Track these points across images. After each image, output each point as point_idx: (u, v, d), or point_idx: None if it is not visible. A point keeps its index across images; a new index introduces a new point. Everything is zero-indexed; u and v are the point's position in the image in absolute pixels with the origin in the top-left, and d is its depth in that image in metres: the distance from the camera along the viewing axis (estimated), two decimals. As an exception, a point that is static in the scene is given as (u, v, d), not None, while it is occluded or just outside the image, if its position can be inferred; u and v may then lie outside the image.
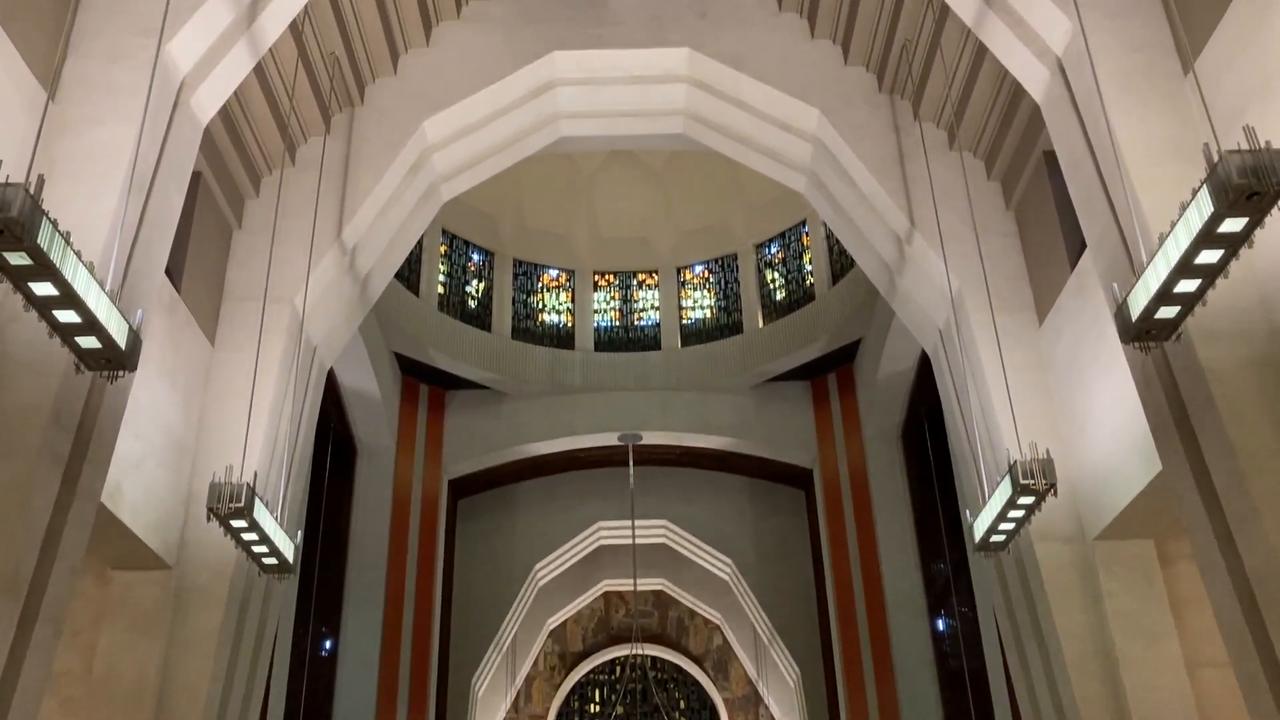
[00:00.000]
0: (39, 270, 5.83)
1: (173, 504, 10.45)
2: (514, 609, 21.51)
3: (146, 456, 9.93)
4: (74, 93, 8.56)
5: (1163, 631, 10.29)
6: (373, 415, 19.52)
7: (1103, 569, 10.49)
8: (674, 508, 22.14)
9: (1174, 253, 6.13)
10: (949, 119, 12.54)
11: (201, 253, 11.52)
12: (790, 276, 21.41)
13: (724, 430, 21.03)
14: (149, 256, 8.64)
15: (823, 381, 21.46)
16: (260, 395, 10.86)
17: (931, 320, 12.82)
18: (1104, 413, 10.26)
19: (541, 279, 22.36)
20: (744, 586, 22.05)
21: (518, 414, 21.00)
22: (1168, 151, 8.22)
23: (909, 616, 19.79)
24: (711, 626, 24.42)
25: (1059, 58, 9.22)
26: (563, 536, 22.00)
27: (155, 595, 10.25)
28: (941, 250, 11.51)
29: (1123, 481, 9.96)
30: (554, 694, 24.08)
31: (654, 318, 22.28)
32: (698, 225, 22.22)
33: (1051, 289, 11.46)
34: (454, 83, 12.95)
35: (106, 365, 6.69)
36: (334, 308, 12.65)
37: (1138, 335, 6.79)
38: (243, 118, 11.83)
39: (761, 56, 13.12)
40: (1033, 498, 8.76)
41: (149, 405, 10.00)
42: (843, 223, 13.74)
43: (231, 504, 8.38)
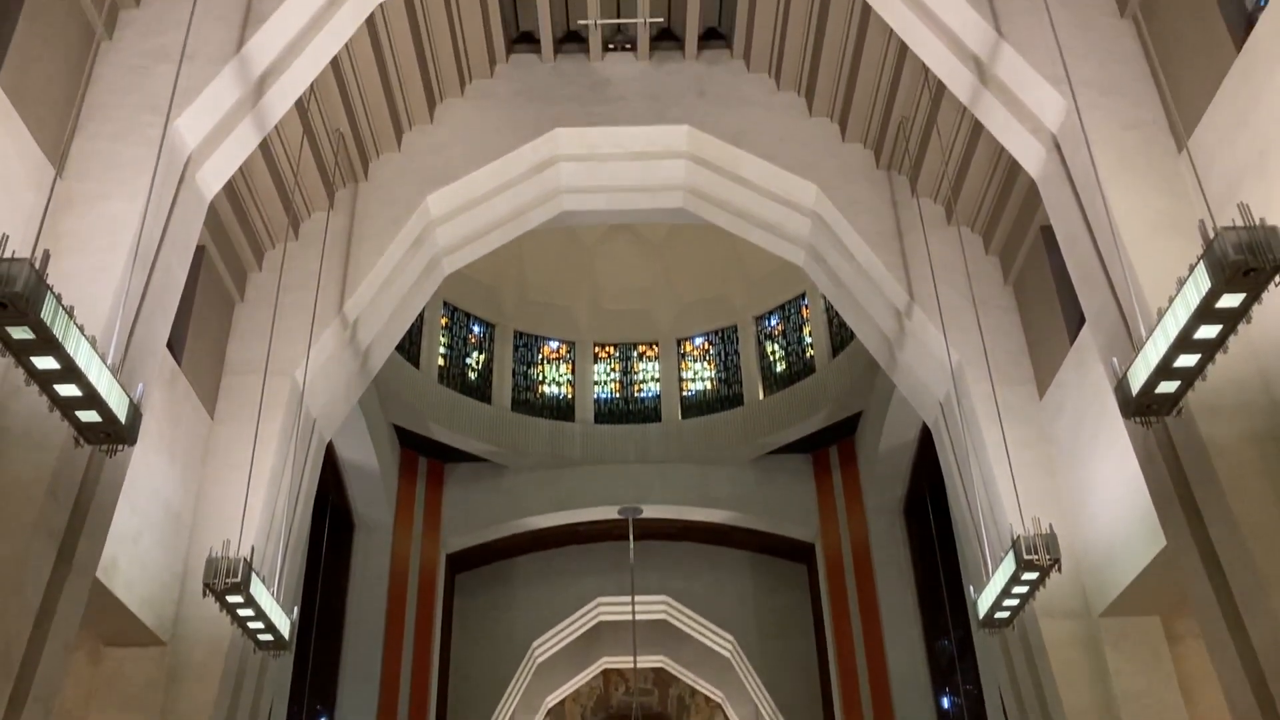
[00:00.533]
0: (41, 345, 5.84)
1: (168, 579, 10.35)
2: (512, 687, 21.17)
3: (143, 531, 9.85)
4: (82, 168, 8.66)
5: (1171, 709, 10.11)
6: (371, 488, 19.41)
7: (1109, 646, 10.34)
8: (674, 583, 21.91)
9: (1173, 328, 6.15)
10: (946, 194, 12.68)
11: (203, 326, 11.56)
12: (790, 349, 21.47)
13: (725, 503, 20.92)
14: (151, 330, 8.66)
15: (824, 454, 21.38)
16: (259, 469, 10.81)
17: (932, 393, 12.82)
18: (1107, 487, 10.21)
19: (542, 350, 22.42)
20: (746, 663, 21.72)
21: (517, 487, 20.89)
22: (1164, 227, 8.29)
23: (913, 694, 19.48)
24: (713, 705, 24.01)
25: (1054, 135, 9.35)
26: (562, 612, 21.74)
27: (148, 672, 10.09)
28: (941, 324, 11.56)
29: (1127, 557, 9.87)
30: (552, 775, 23.60)
31: (654, 389, 22.29)
32: (698, 297, 22.35)
33: (1051, 363, 11.48)
34: (457, 158, 13.14)
35: (106, 439, 6.68)
36: (334, 381, 12.66)
37: (1139, 410, 6.79)
38: (247, 192, 11.96)
39: (760, 133, 13.32)
40: (1037, 573, 8.68)
41: (147, 479, 9.95)
42: (842, 296, 13.82)
43: (228, 579, 8.30)
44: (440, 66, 13.33)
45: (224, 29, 9.38)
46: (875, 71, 12.56)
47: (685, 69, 13.82)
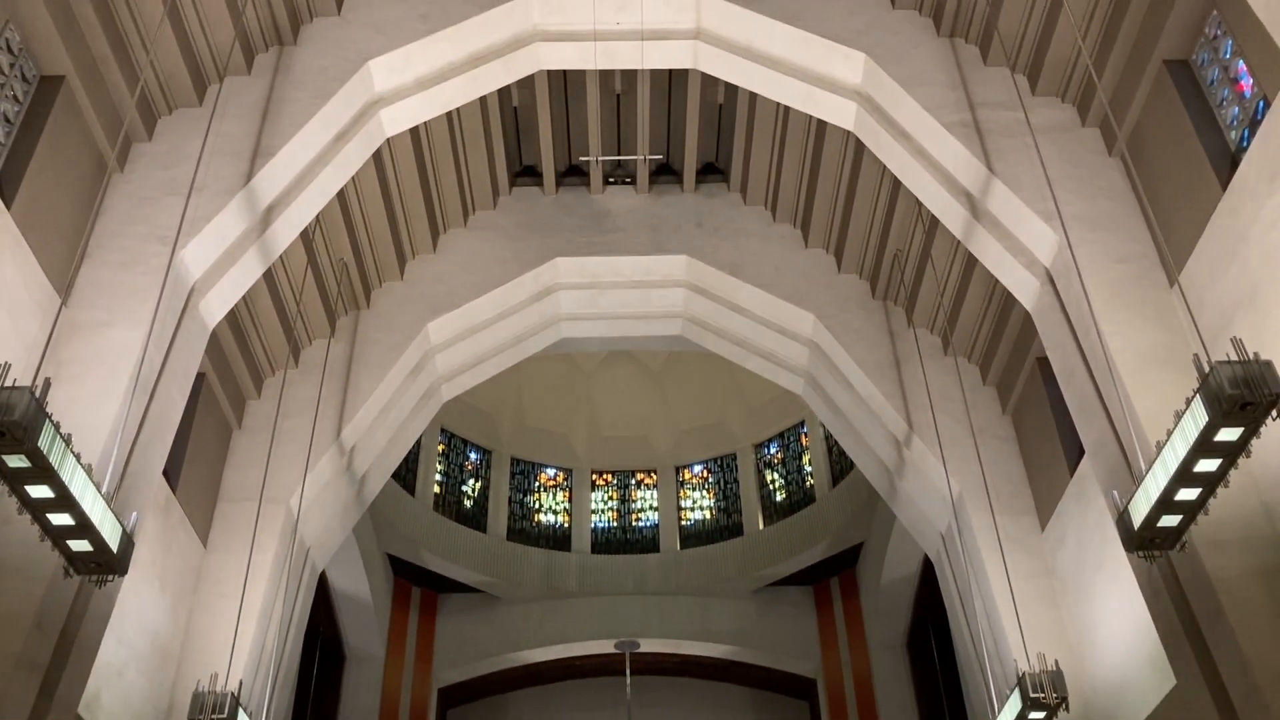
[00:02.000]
0: (37, 473, 5.81)
1: (153, 715, 10.04)
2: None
3: (129, 663, 9.61)
4: (87, 296, 8.77)
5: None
6: (363, 619, 19.04)
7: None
8: (672, 720, 21.33)
9: (1172, 461, 6.13)
10: (942, 325, 12.81)
11: (200, 453, 11.52)
12: (790, 477, 21.35)
13: (724, 638, 20.51)
14: (148, 458, 8.63)
15: (825, 586, 21.07)
16: (250, 598, 10.63)
17: (933, 524, 12.71)
18: (1113, 622, 10.01)
19: (539, 478, 22.30)
20: (747, 804, 20.97)
21: (511, 619, 20.51)
22: (1158, 359, 8.35)
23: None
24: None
25: (1047, 268, 9.51)
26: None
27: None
28: (940, 454, 11.53)
29: (1137, 695, 9.61)
30: None
31: (653, 518, 22.08)
32: (696, 425, 22.34)
33: (1052, 494, 11.41)
34: (459, 286, 13.32)
35: (96, 570, 6.58)
36: (329, 508, 12.56)
37: (1141, 544, 6.71)
38: (249, 320, 12.08)
39: (757, 264, 13.54)
40: (1044, 712, 8.47)
41: (136, 609, 9.77)
42: (841, 425, 13.83)
43: (214, 715, 8.08)
44: (444, 198, 13.63)
45: (233, 163, 9.63)
46: (869, 205, 12.84)
47: (683, 201, 14.13)
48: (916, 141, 10.25)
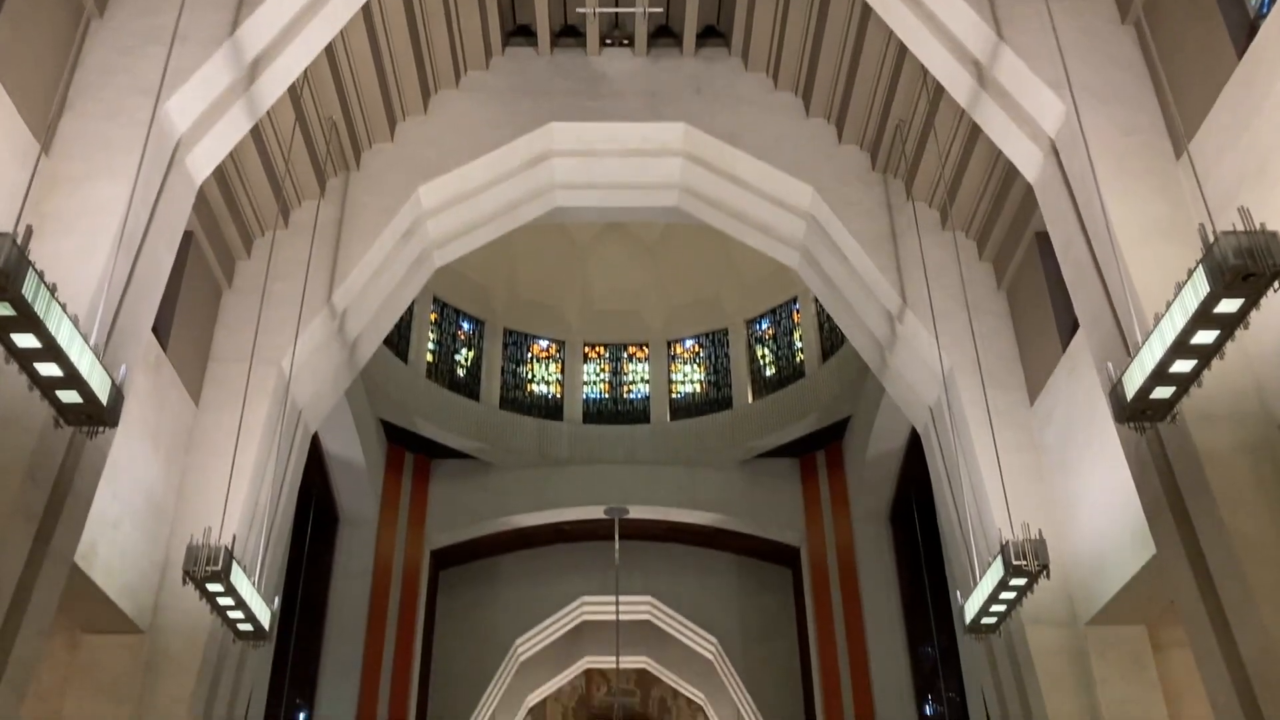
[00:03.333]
0: (22, 321, 5.74)
1: (148, 567, 10.21)
2: (494, 684, 21.04)
3: (124, 517, 9.72)
4: (68, 148, 8.54)
5: (1156, 719, 10.07)
6: (356, 483, 19.27)
7: (1095, 654, 10.30)
8: (659, 584, 21.82)
9: (1169, 333, 6.10)
10: (942, 199, 12.64)
11: (190, 312, 11.44)
12: (781, 353, 21.41)
13: (711, 506, 20.83)
14: (136, 314, 8.55)
15: (811, 459, 21.32)
16: (243, 458, 10.69)
17: (922, 398, 12.77)
18: (1096, 495, 10.16)
19: (531, 349, 22.32)
20: (728, 666, 21.64)
21: (503, 485, 20.77)
22: (1160, 233, 8.26)
23: (896, 700, 19.42)
24: (695, 707, 23.92)
25: (1052, 140, 9.31)
26: (545, 611, 21.62)
27: (125, 661, 9.95)
28: (934, 328, 11.51)
29: (1115, 566, 9.82)
30: (531, 775, 23.48)
31: (643, 391, 22.21)
32: (689, 300, 22.28)
33: (1043, 369, 11.44)
34: (450, 150, 13.03)
35: (87, 421, 6.57)
36: (321, 371, 12.55)
37: (1132, 416, 6.73)
38: (237, 179, 11.85)
39: (756, 133, 13.26)
40: (1025, 579, 8.63)
41: (129, 465, 9.83)
42: (835, 299, 13.76)
43: (209, 567, 8.19)
44: (436, 57, 13.23)
45: (217, 11, 9.28)
46: (874, 73, 12.51)
47: (682, 66, 13.75)
48: (926, 6, 9.91)
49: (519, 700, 22.86)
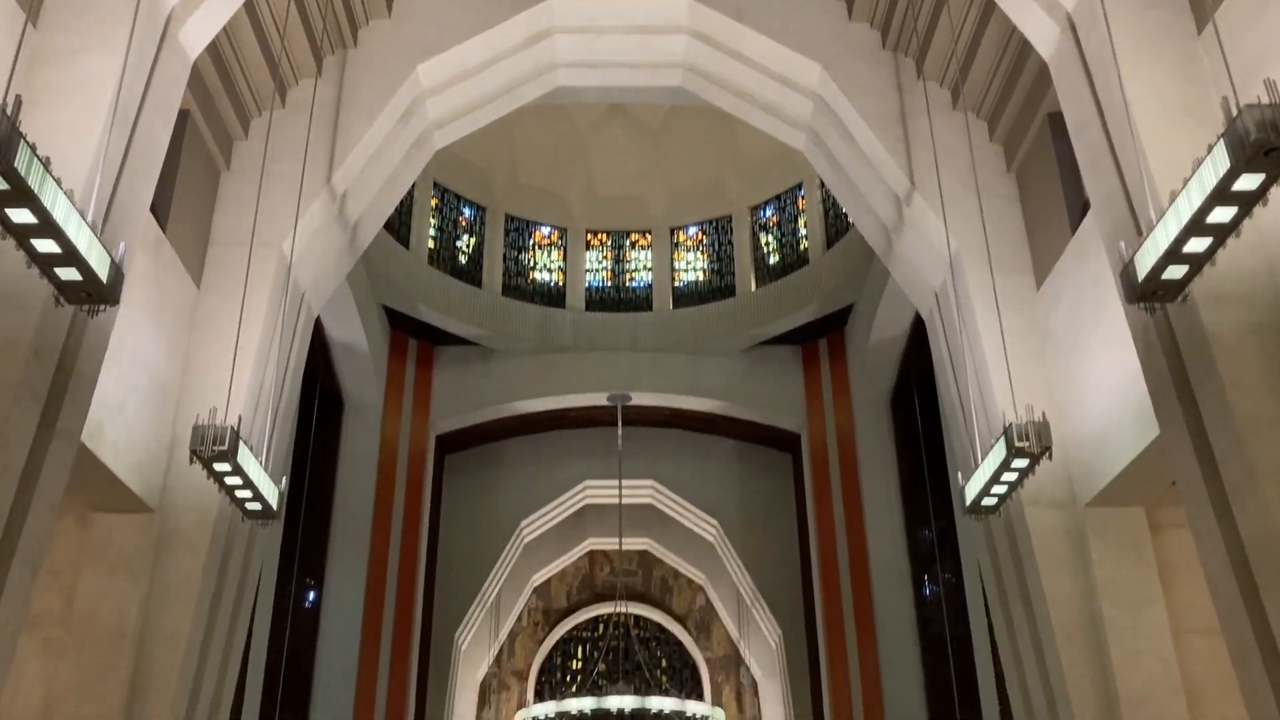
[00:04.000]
0: (15, 195, 5.62)
1: (155, 447, 10.29)
2: (499, 565, 21.47)
3: (129, 398, 9.74)
4: (56, 19, 8.29)
5: (1150, 599, 10.25)
6: (360, 368, 19.33)
7: (1093, 536, 10.43)
8: (661, 469, 22.07)
9: (1186, 210, 5.98)
10: (953, 78, 12.33)
11: (188, 194, 11.27)
12: (785, 240, 21.23)
13: (713, 393, 20.93)
14: (133, 191, 8.41)
15: (813, 346, 21.34)
16: (246, 340, 10.66)
17: (928, 283, 12.68)
18: (1100, 378, 10.16)
19: (533, 236, 22.14)
20: (729, 548, 22.04)
21: (506, 371, 20.84)
22: (1179, 110, 8.06)
23: (893, 582, 19.81)
24: (695, 587, 24.45)
25: (1069, 14, 9.03)
26: (549, 494, 21.92)
27: (136, 539, 10.10)
28: (942, 211, 11.35)
29: (1116, 448, 9.88)
30: (537, 650, 24.12)
31: (646, 279, 22.11)
32: (693, 186, 21.99)
33: (1051, 253, 11.32)
34: (449, 27, 12.67)
35: (87, 299, 6.50)
36: (322, 254, 12.44)
37: (1143, 295, 6.65)
38: (233, 56, 11.54)
39: (764, 9, 12.86)
40: (1026, 461, 8.65)
41: (132, 346, 9.81)
42: (841, 182, 13.55)
43: (215, 446, 8.21)
44: (433, -72, 12.76)
45: (205, -125, 8.90)
46: (885, -55, 12.09)
47: (688, -62, 13.25)
48: None
49: (524, 580, 23.36)
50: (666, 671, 23.70)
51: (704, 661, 24.18)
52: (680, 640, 24.46)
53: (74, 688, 9.54)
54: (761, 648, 22.78)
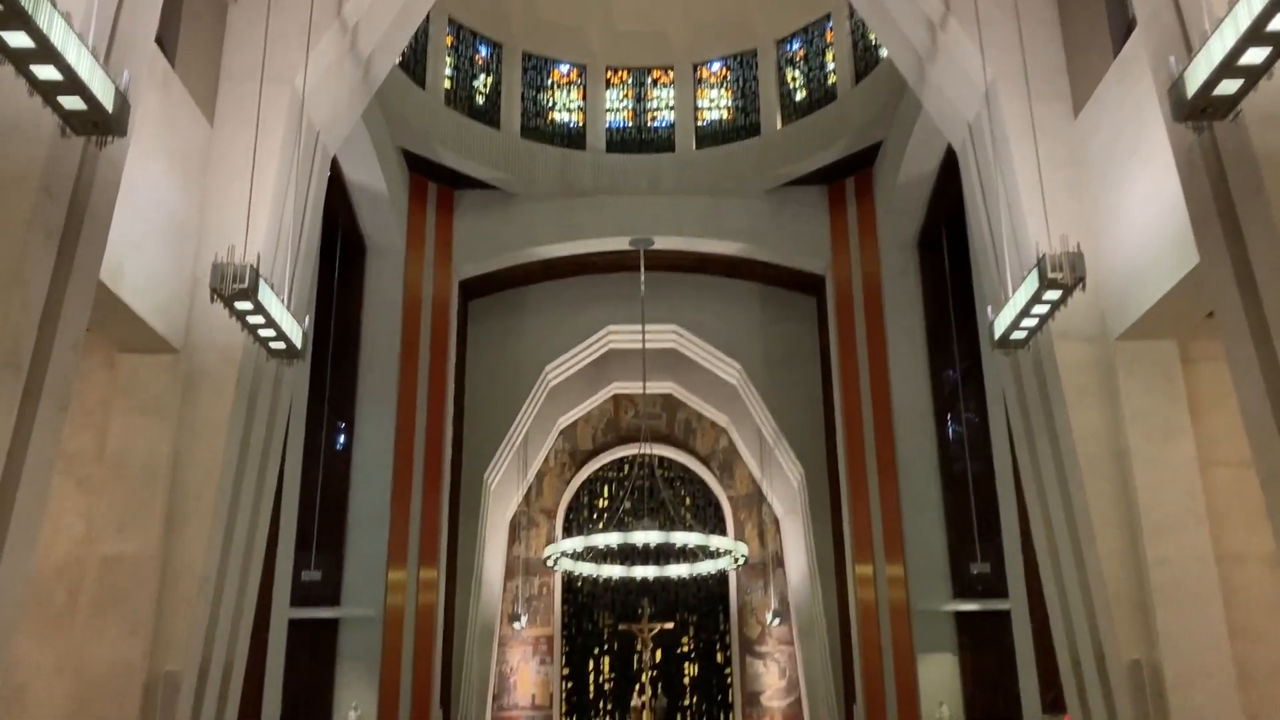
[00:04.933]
0: (9, 17, 5.39)
1: (176, 287, 10.24)
2: (525, 408, 21.69)
3: (147, 237, 9.64)
4: None
5: (1178, 431, 10.20)
6: (381, 212, 19.13)
7: (1123, 369, 10.32)
8: (684, 313, 21.99)
9: (1245, 18, 5.62)
10: (993, -109, 11.59)
11: (196, 27, 10.90)
12: (812, 75, 20.53)
13: (737, 235, 20.65)
14: (136, 19, 8.10)
15: (840, 186, 20.90)
16: (262, 178, 10.45)
17: (961, 114, 12.23)
18: (1138, 207, 9.86)
19: (552, 75, 21.50)
20: (752, 391, 22.14)
21: (528, 216, 20.59)
22: (1238, -85, 7.51)
23: (915, 421, 19.90)
24: (718, 429, 24.71)
25: None
26: (573, 339, 21.96)
27: (163, 379, 10.17)
28: (978, 35, 10.84)
29: (1152, 279, 9.66)
30: (564, 489, 24.62)
31: (668, 118, 21.52)
32: (716, 19, 21.15)
33: (1090, 79, 10.84)
34: None
35: (94, 130, 6.32)
36: (336, 91, 12.09)
37: (1191, 113, 6.34)
38: (232, -122, 10.99)
39: None
40: (1059, 292, 8.47)
41: (147, 184, 9.64)
42: (872, 7, 12.95)
43: (235, 284, 8.14)
44: None
45: None
46: None
47: None
48: None
49: (550, 423, 23.65)
50: (690, 509, 24.18)
51: (727, 500, 24.64)
52: (703, 479, 24.88)
53: (112, 524, 9.77)
54: (783, 486, 23.13)
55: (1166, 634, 9.53)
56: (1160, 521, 9.83)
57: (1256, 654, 9.75)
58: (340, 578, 18.59)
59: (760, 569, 23.92)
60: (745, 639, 23.85)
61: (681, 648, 24.02)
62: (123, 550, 9.64)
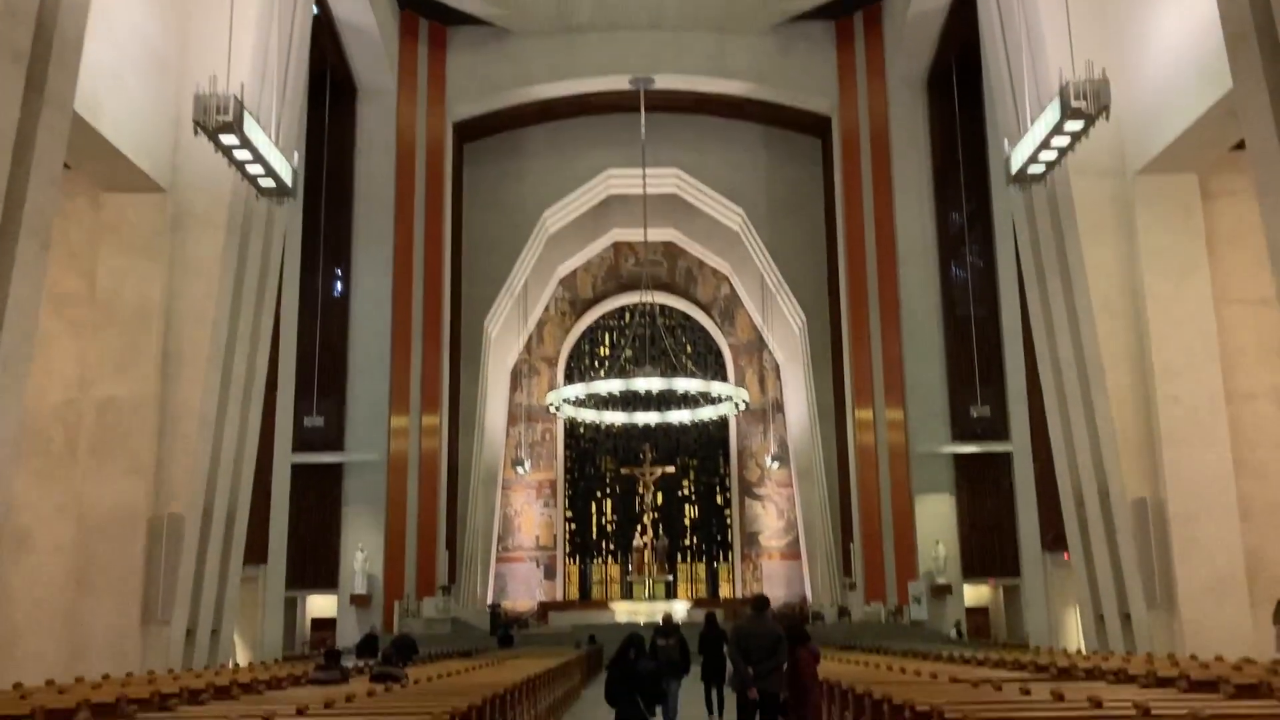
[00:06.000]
0: None
1: (160, 124, 9.82)
2: (524, 255, 21.39)
3: (124, 68, 9.17)
4: None
5: (1195, 268, 9.97)
6: (371, 51, 18.39)
7: (1141, 204, 10.01)
8: (686, 156, 21.47)
9: None
10: None
11: None
12: (820, -100, 19.45)
13: (741, 74, 19.93)
14: None
15: (848, 23, 20.08)
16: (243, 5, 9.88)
17: (980, -65, 11.55)
18: (1166, 35, 9.38)
19: (544, -104, 20.33)
20: (754, 237, 21.79)
21: (523, 54, 19.83)
22: None
23: (919, 265, 19.62)
24: (719, 277, 24.45)
25: None
26: (572, 184, 21.50)
27: (151, 219, 9.87)
28: None
29: (1176, 110, 9.26)
30: (565, 338, 24.53)
31: (670, -54, 20.47)
32: None
33: (1121, -107, 10.18)
34: None
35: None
36: (318, -88, 11.37)
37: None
38: None
39: None
40: (1081, 122, 8.11)
41: (122, 12, 9.12)
42: None
43: (219, 116, 7.78)
44: None
45: None
46: None
47: None
48: None
49: (550, 271, 23.37)
50: (691, 357, 24.11)
51: (728, 347, 24.58)
52: (704, 327, 24.76)
53: (106, 366, 9.63)
54: (784, 333, 23.03)
55: (1173, 472, 9.52)
56: (1172, 360, 9.70)
57: (1259, 490, 9.78)
58: (343, 424, 18.66)
59: (760, 414, 24.04)
60: (745, 482, 24.16)
61: (682, 491, 24.36)
62: (119, 393, 9.53)
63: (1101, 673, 6.78)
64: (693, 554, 24.11)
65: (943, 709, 3.99)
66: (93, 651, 9.13)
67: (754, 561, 23.72)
